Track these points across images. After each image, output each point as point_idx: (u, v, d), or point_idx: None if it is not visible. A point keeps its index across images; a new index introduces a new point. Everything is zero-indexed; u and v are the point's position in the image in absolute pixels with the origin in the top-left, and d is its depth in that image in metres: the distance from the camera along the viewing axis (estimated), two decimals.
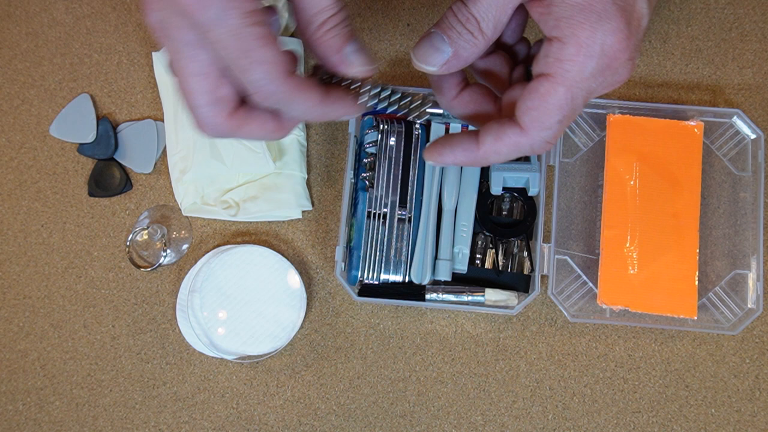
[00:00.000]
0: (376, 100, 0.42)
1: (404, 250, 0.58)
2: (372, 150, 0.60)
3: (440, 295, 0.58)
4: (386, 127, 0.60)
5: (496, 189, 0.58)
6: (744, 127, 0.60)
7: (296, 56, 0.40)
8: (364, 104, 0.42)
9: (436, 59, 0.41)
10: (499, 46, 0.45)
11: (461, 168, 0.60)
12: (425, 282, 0.58)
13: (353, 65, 0.40)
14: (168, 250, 0.63)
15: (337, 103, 0.40)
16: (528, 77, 0.43)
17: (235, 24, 0.35)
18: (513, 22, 0.44)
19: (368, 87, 0.41)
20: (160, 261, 0.62)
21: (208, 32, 0.35)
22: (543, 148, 0.41)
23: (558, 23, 0.37)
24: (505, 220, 0.60)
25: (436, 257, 0.58)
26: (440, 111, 0.59)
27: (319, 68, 0.42)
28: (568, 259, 0.60)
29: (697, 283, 0.58)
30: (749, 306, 0.58)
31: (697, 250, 0.58)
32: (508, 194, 0.60)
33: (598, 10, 0.36)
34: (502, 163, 0.44)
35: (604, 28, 0.36)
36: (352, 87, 0.41)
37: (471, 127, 0.58)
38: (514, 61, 0.46)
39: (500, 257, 0.60)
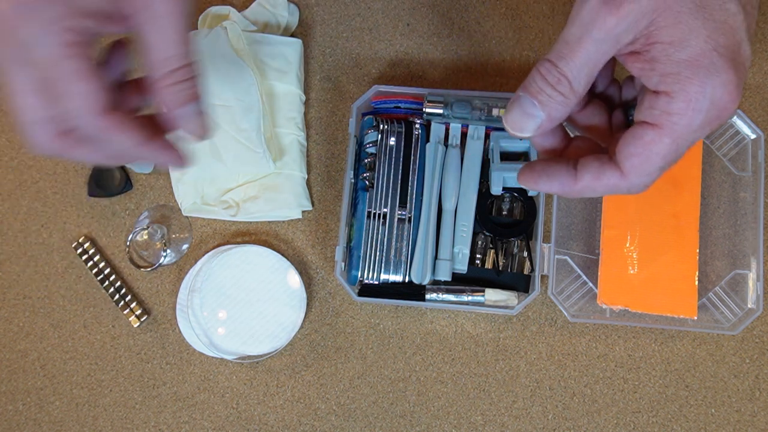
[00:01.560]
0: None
1: (404, 250, 0.58)
2: (372, 150, 0.60)
3: (440, 295, 0.58)
4: (386, 127, 0.60)
5: (496, 189, 0.58)
6: (744, 127, 0.60)
7: (116, 93, 0.39)
8: (186, 156, 0.42)
9: (530, 126, 0.39)
10: (591, 94, 0.43)
11: (461, 168, 0.60)
12: (425, 282, 0.58)
13: (189, 126, 0.41)
14: (168, 250, 0.63)
15: (159, 150, 0.41)
16: (628, 121, 0.43)
17: (52, 52, 0.36)
18: (603, 70, 0.42)
19: None
20: (160, 261, 0.62)
21: (30, 51, 0.36)
22: (639, 191, 0.40)
23: (664, 79, 0.36)
24: (505, 220, 0.60)
25: (436, 257, 0.58)
26: (440, 111, 0.59)
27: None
28: (568, 259, 0.60)
29: (697, 283, 0.58)
30: (749, 306, 0.58)
31: (697, 250, 0.58)
32: (508, 194, 0.60)
33: (706, 65, 0.35)
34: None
35: (713, 82, 0.35)
36: None
37: None
38: (610, 105, 0.44)
39: (500, 257, 0.60)
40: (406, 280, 0.58)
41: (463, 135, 0.61)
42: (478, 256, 0.60)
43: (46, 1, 0.36)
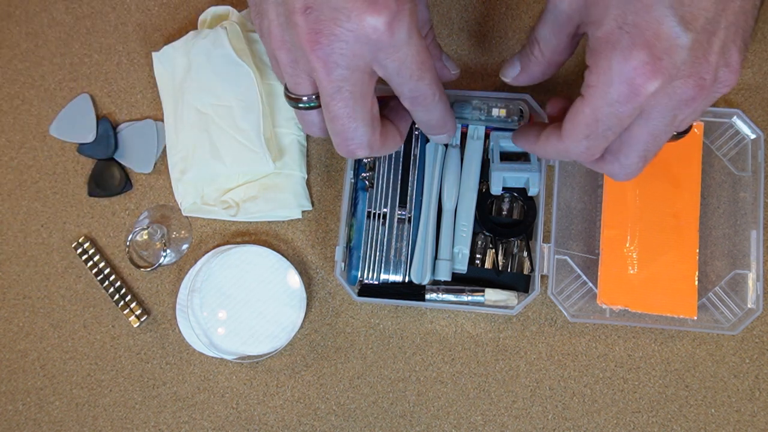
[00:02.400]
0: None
1: (404, 250, 0.58)
2: None
3: (440, 295, 0.58)
4: None
5: (496, 189, 0.58)
6: (744, 127, 0.60)
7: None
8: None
9: (508, 72, 0.51)
10: None
11: (461, 168, 0.60)
12: (425, 282, 0.58)
13: (450, 69, 0.54)
14: (168, 250, 0.63)
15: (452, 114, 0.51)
16: None
17: (417, 42, 0.42)
18: (568, 46, 0.48)
19: None
20: (160, 261, 0.62)
21: (395, 52, 0.41)
22: (579, 157, 0.45)
23: (589, 54, 0.41)
24: (505, 220, 0.60)
25: (436, 257, 0.58)
26: None
27: None
28: (568, 259, 0.60)
29: (697, 283, 0.58)
30: (749, 306, 0.58)
31: (697, 250, 0.58)
32: (508, 194, 0.60)
33: (613, 42, 0.39)
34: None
35: (618, 58, 0.39)
36: None
37: None
38: None
39: (500, 257, 0.60)
40: (406, 280, 0.58)
41: (463, 135, 0.61)
42: (478, 256, 0.60)
43: (408, 3, 0.41)
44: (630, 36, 0.38)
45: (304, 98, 0.45)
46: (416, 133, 0.60)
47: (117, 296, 0.62)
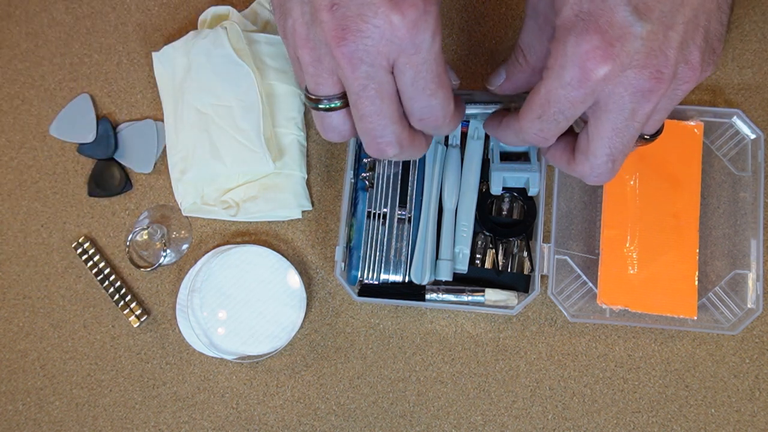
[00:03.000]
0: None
1: (404, 250, 0.58)
2: None
3: (440, 295, 0.58)
4: None
5: (496, 189, 0.58)
6: (744, 127, 0.60)
7: None
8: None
9: (494, 81, 0.52)
10: None
11: (461, 168, 0.60)
12: (425, 282, 0.58)
13: (452, 79, 0.49)
14: (168, 250, 0.63)
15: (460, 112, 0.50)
16: None
17: (438, 49, 0.42)
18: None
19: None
20: (160, 261, 0.62)
21: (416, 54, 0.41)
22: (537, 142, 0.46)
23: (552, 41, 0.42)
24: (505, 220, 0.60)
25: (436, 257, 0.58)
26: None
27: None
28: (568, 259, 0.60)
29: (697, 283, 0.58)
30: (749, 306, 0.58)
31: (697, 250, 0.58)
32: (508, 194, 0.60)
33: (569, 28, 0.40)
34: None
35: (571, 42, 0.40)
36: None
37: None
38: None
39: (500, 257, 0.60)
40: (406, 280, 0.58)
41: (463, 135, 0.61)
42: (478, 256, 0.60)
43: (434, 2, 0.41)
44: (584, 22, 0.40)
45: (324, 99, 0.45)
46: None
47: (117, 296, 0.62)
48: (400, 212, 0.59)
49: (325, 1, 0.40)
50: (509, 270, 0.60)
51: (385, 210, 0.59)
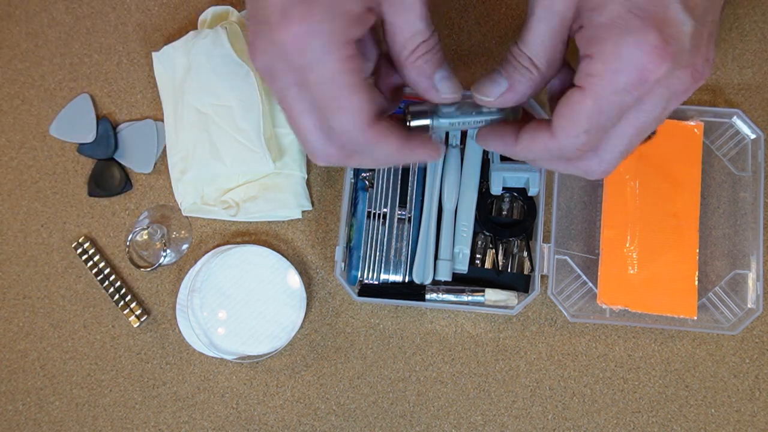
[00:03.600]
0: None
1: (404, 250, 0.58)
2: None
3: (440, 295, 0.58)
4: None
5: (496, 189, 0.58)
6: (744, 127, 0.60)
7: (384, 102, 0.43)
8: (442, 146, 0.44)
9: (493, 91, 0.42)
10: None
11: (461, 168, 0.60)
12: (425, 282, 0.58)
13: (440, 92, 0.42)
14: (168, 250, 0.63)
15: (417, 148, 0.42)
16: None
17: (330, 69, 0.37)
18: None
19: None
20: (160, 261, 0.62)
21: (307, 74, 0.37)
22: (571, 153, 0.41)
23: (588, 42, 0.38)
24: (505, 220, 0.60)
25: (436, 257, 0.58)
26: (427, 122, 0.54)
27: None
28: (568, 259, 0.60)
29: (697, 283, 0.58)
30: (749, 306, 0.58)
31: (697, 250, 0.58)
32: (508, 194, 0.60)
33: (621, 26, 0.36)
34: (538, 163, 0.46)
35: (627, 42, 0.36)
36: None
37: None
38: None
39: (500, 257, 0.60)
40: (406, 280, 0.58)
41: (463, 135, 0.61)
42: (478, 256, 0.60)
43: (327, 18, 0.36)
44: (640, 19, 0.36)
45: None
46: None
47: (117, 296, 0.62)
48: (400, 212, 0.59)
49: (252, 12, 0.39)
50: (509, 270, 0.60)
51: (385, 210, 0.59)
